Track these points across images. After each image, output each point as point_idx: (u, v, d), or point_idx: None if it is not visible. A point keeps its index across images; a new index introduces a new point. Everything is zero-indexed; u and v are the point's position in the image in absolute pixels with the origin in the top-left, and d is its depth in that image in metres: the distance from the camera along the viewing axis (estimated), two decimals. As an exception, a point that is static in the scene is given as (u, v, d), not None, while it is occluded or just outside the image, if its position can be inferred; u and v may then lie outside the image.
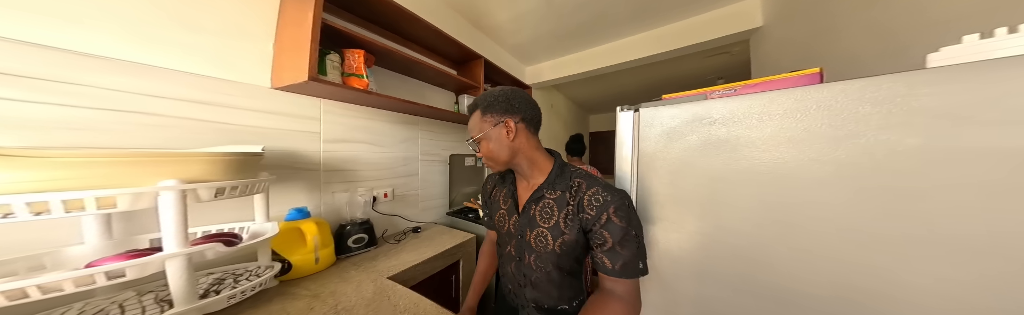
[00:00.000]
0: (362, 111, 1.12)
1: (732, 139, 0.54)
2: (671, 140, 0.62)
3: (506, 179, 0.69)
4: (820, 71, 0.51)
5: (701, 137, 0.57)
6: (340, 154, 1.02)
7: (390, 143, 1.25)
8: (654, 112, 0.65)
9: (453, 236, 1.31)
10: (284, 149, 0.86)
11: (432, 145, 1.52)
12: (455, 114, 1.47)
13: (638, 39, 2.02)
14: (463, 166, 1.72)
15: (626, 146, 0.69)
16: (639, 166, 0.68)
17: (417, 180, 1.42)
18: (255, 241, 0.67)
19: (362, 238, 1.03)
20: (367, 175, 1.13)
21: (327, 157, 0.97)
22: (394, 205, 1.28)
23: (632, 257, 0.49)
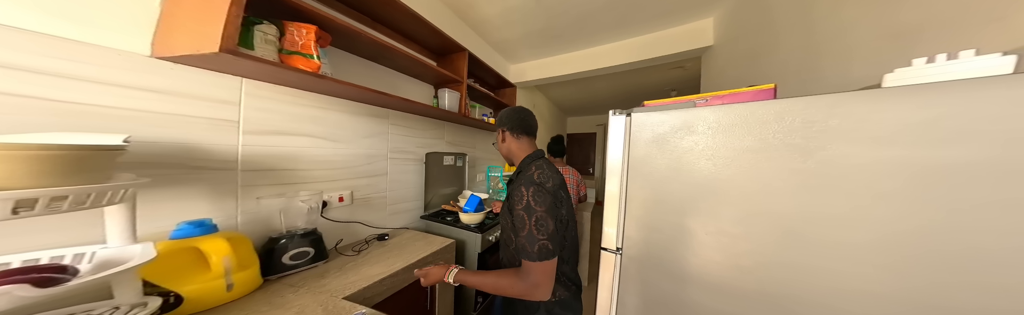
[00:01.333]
0: (311, 99, 0.84)
1: (716, 146, 0.51)
2: (659, 145, 0.58)
3: None
4: (774, 87, 0.52)
5: (687, 143, 0.55)
6: (272, 150, 0.74)
7: (350, 138, 0.97)
8: (645, 117, 0.60)
9: (429, 242, 1.05)
10: (174, 142, 0.57)
11: (405, 142, 1.25)
12: (434, 109, 1.20)
13: (615, 47, 1.94)
14: (441, 165, 1.46)
15: (617, 149, 0.64)
16: (629, 169, 0.62)
17: (385, 181, 1.14)
18: (101, 275, 0.39)
19: (304, 252, 0.75)
20: (315, 175, 0.85)
21: (250, 153, 0.68)
22: (353, 210, 1.00)
23: (523, 242, 0.50)
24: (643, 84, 2.93)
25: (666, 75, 2.57)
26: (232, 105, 0.65)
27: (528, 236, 0.48)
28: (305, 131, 0.82)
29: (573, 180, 1.61)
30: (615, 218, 0.64)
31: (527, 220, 0.49)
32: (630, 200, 0.62)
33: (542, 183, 0.53)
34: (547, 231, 0.48)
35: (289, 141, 0.77)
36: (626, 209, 0.63)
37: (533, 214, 0.49)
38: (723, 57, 1.53)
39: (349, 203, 0.96)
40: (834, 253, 0.42)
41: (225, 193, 0.64)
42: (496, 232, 1.26)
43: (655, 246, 0.59)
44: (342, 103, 0.94)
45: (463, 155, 1.62)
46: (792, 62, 1.00)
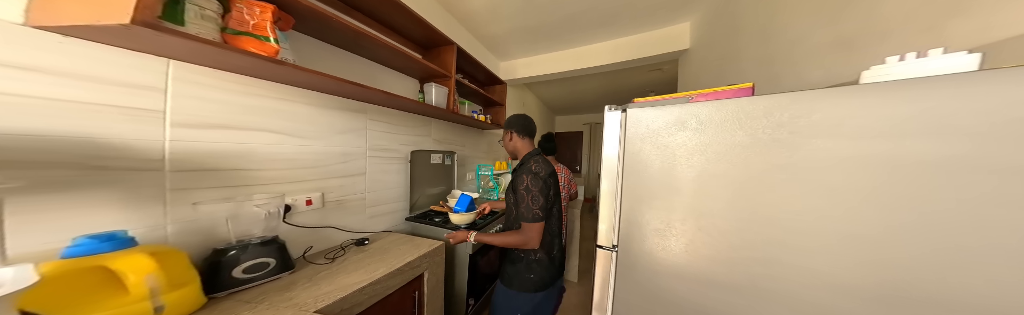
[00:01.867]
0: (270, 88, 0.70)
1: (708, 141, 0.50)
2: (654, 140, 0.56)
3: None
4: (752, 85, 0.51)
5: (680, 139, 0.53)
6: (216, 147, 0.60)
7: (320, 134, 0.83)
8: (640, 113, 0.58)
9: (415, 245, 0.93)
10: (68, 135, 0.43)
11: (387, 139, 1.11)
12: (419, 104, 1.07)
13: (601, 47, 1.88)
14: (428, 164, 1.33)
15: (612, 145, 0.61)
16: (624, 165, 0.60)
17: (363, 181, 1.01)
18: None
19: (262, 264, 0.62)
20: (274, 176, 0.71)
21: (183, 150, 0.55)
22: (325, 214, 0.87)
23: (523, 211, 0.70)
24: (626, 85, 2.89)
25: (646, 77, 2.55)
26: (155, 92, 0.51)
27: (527, 207, 0.68)
28: (261, 125, 0.68)
29: (564, 178, 1.53)
30: (610, 215, 0.61)
31: (526, 197, 0.68)
32: (625, 196, 0.59)
33: (537, 172, 0.71)
34: (538, 204, 0.68)
35: (239, 136, 0.64)
36: (622, 205, 0.60)
37: (530, 193, 0.68)
38: (698, 61, 1.53)
39: (319, 206, 0.83)
40: (822, 248, 0.41)
41: (147, 199, 0.50)
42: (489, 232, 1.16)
43: (650, 242, 0.57)
44: (311, 95, 0.80)
45: (452, 153, 1.50)
46: (752, 69, 1.05)
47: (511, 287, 0.76)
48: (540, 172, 0.71)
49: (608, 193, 0.61)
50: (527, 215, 0.68)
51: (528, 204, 0.68)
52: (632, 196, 0.58)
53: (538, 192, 0.68)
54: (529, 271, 0.73)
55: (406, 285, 0.81)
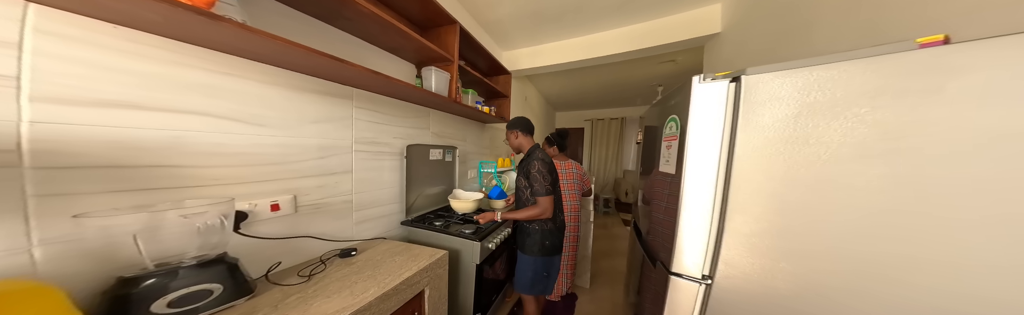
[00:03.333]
0: (207, 58, 0.50)
1: (940, 124, 0.28)
2: (801, 127, 0.35)
3: None
4: (945, 37, 0.31)
5: (850, 120, 0.32)
6: (113, 133, 0.40)
7: (286, 122, 0.64)
8: (775, 81, 0.35)
9: (412, 256, 0.76)
10: None
11: (377, 131, 0.93)
12: (417, 90, 0.89)
13: (614, 35, 1.65)
14: (427, 160, 1.15)
15: (708, 134, 0.43)
16: (733, 163, 0.41)
17: (349, 180, 0.83)
18: None
19: (202, 292, 0.44)
20: (217, 175, 0.52)
21: (55, 137, 0.35)
22: (300, 221, 0.68)
23: (536, 187, 0.88)
24: (630, 79, 2.70)
25: (654, 70, 2.35)
26: (5, 48, 0.32)
27: (540, 184, 0.87)
28: (195, 107, 0.49)
29: (576, 174, 1.37)
30: (699, 234, 0.45)
31: (538, 177, 0.87)
32: (736, 211, 0.41)
33: (544, 159, 0.90)
34: (548, 181, 0.87)
35: (155, 120, 0.44)
36: (724, 223, 0.43)
37: (541, 174, 0.87)
38: (732, 45, 1.30)
39: (290, 212, 0.65)
40: None
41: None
42: (496, 239, 0.99)
43: (786, 282, 0.38)
44: (272, 72, 0.61)
45: (453, 148, 1.32)
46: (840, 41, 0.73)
47: (533, 254, 0.92)
48: (545, 158, 0.90)
49: (698, 204, 0.45)
50: (540, 190, 0.86)
51: (541, 182, 0.86)
52: (750, 211, 0.40)
53: (548, 173, 0.87)
54: (545, 239, 0.90)
55: (403, 307, 0.64)
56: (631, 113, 4.20)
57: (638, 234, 0.85)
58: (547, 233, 0.91)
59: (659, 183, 0.65)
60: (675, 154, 0.51)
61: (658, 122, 0.68)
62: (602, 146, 4.38)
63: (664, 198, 0.59)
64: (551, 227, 0.92)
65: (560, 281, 1.31)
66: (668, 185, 0.56)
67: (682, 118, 0.49)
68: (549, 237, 0.91)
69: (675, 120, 0.53)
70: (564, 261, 1.30)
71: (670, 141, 0.56)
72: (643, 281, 0.76)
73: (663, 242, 0.58)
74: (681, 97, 0.50)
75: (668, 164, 0.56)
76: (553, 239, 0.92)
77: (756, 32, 1.11)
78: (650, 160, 0.83)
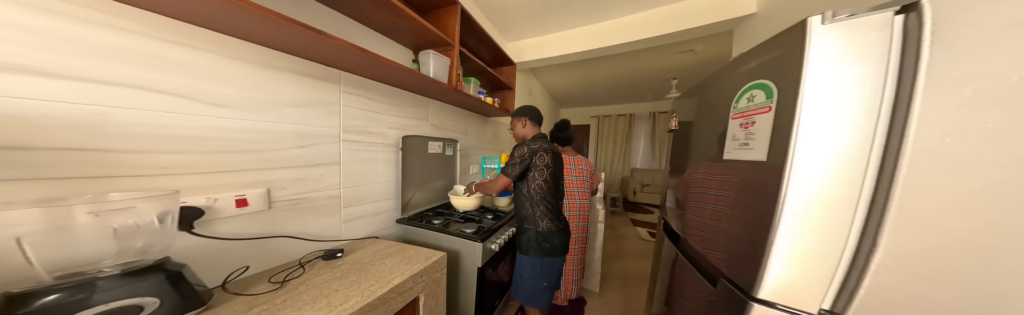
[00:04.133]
0: (150, 22, 0.41)
1: None
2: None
3: None
4: None
5: None
6: (15, 105, 0.31)
7: (256, 104, 0.54)
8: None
9: (407, 257, 0.66)
10: None
11: (368, 119, 0.82)
12: (413, 75, 0.78)
13: (628, 21, 1.50)
14: (425, 154, 1.05)
15: (856, 96, 0.29)
16: (909, 136, 0.27)
17: (337, 172, 0.73)
18: None
19: (129, 309, 0.35)
20: (166, 162, 0.42)
21: None
22: (275, 218, 0.58)
23: (504, 167, 0.82)
24: (641, 72, 2.54)
25: (668, 61, 2.20)
26: None
27: (506, 166, 0.82)
28: (126, 78, 0.39)
29: (585, 171, 1.24)
30: (822, 250, 0.31)
31: (515, 160, 0.80)
32: (908, 217, 0.27)
33: (529, 144, 0.82)
34: (513, 167, 0.80)
35: (71, 92, 0.35)
36: (879, 236, 0.28)
37: (512, 159, 0.81)
38: (771, 26, 1.12)
39: (263, 208, 0.55)
40: None
41: None
42: (499, 239, 0.88)
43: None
44: (236, 45, 0.51)
45: (454, 141, 1.21)
46: None
47: (527, 253, 0.82)
48: (544, 147, 0.81)
49: (820, 204, 0.32)
50: (506, 170, 0.81)
51: (509, 165, 0.81)
52: (931, 217, 0.27)
53: (519, 160, 0.80)
54: (544, 240, 0.80)
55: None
56: (640, 109, 4.03)
57: (673, 239, 0.73)
58: (546, 234, 0.79)
59: (716, 178, 0.51)
60: (765, 133, 0.37)
61: (716, 99, 0.54)
62: (609, 143, 4.22)
63: (734, 197, 0.45)
64: (550, 228, 0.80)
65: (568, 285, 1.20)
66: (744, 178, 0.42)
67: (785, 81, 0.34)
68: (549, 238, 0.80)
69: (765, 87, 0.38)
70: (572, 264, 1.19)
71: (754, 115, 0.40)
72: (679, 295, 0.64)
73: (732, 257, 0.45)
74: (779, 51, 0.36)
75: (746, 149, 0.41)
76: (552, 240, 0.80)
77: (805, 7, 0.94)
78: (684, 153, 0.71)
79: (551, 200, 0.81)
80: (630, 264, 1.74)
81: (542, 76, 2.76)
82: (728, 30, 1.35)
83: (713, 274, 0.50)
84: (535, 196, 0.80)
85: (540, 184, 0.80)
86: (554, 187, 0.83)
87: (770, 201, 0.35)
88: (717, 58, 2.01)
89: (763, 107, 0.39)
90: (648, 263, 1.71)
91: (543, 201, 0.80)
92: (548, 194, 0.81)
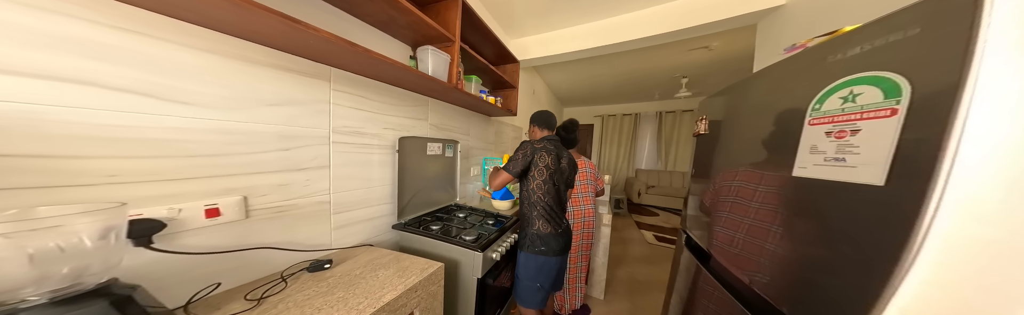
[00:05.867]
0: (93, 6, 0.35)
1: None
2: None
3: None
4: None
5: None
6: None
7: (229, 102, 0.48)
8: None
9: (401, 268, 0.60)
10: None
11: (362, 119, 0.76)
12: (410, 72, 0.72)
13: (640, 16, 1.40)
14: (423, 155, 0.98)
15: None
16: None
17: (325, 177, 0.67)
18: None
19: None
20: (117, 169, 0.36)
21: None
22: (252, 228, 0.52)
23: (507, 163, 0.80)
24: (649, 70, 2.43)
25: (680, 59, 2.09)
26: None
27: (509, 162, 0.80)
28: (64, 71, 0.33)
29: (589, 174, 1.18)
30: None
31: (512, 157, 0.80)
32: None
33: (533, 142, 0.81)
34: (513, 163, 0.78)
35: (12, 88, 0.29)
36: None
37: (514, 155, 0.79)
38: (801, 20, 1.02)
39: (238, 217, 0.49)
40: None
41: None
42: (500, 247, 0.82)
43: None
44: (207, 37, 0.44)
45: (454, 142, 1.15)
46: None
47: (525, 249, 0.82)
48: (548, 147, 0.80)
49: (1007, 244, 0.21)
50: (507, 166, 0.79)
51: (511, 162, 0.79)
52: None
53: (521, 157, 0.78)
54: (543, 242, 0.79)
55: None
56: (646, 108, 3.92)
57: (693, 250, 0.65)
58: (543, 236, 0.79)
59: (759, 188, 0.43)
60: (882, 147, 0.27)
61: (767, 98, 0.46)
62: (613, 143, 4.12)
63: (784, 213, 0.37)
64: (546, 230, 0.79)
65: (572, 294, 1.13)
66: (821, 199, 0.33)
67: (929, 73, 0.25)
68: (545, 240, 0.79)
69: (883, 82, 0.28)
70: (575, 272, 1.12)
71: (857, 121, 0.30)
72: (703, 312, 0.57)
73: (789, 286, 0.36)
74: (917, 30, 0.26)
75: (841, 166, 0.31)
76: (549, 243, 0.79)
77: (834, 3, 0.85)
78: (713, 157, 0.63)
79: (549, 202, 0.79)
80: (636, 270, 1.66)
81: (546, 74, 2.67)
82: (751, 24, 1.26)
83: (748, 297, 0.43)
84: (532, 196, 0.80)
85: (538, 184, 0.78)
86: (554, 189, 0.80)
87: (886, 238, 0.26)
88: (734, 55, 1.90)
89: (879, 109, 0.28)
90: (655, 269, 1.63)
91: (540, 202, 0.79)
92: (546, 195, 0.79)
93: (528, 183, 0.80)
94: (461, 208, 1.10)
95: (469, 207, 1.10)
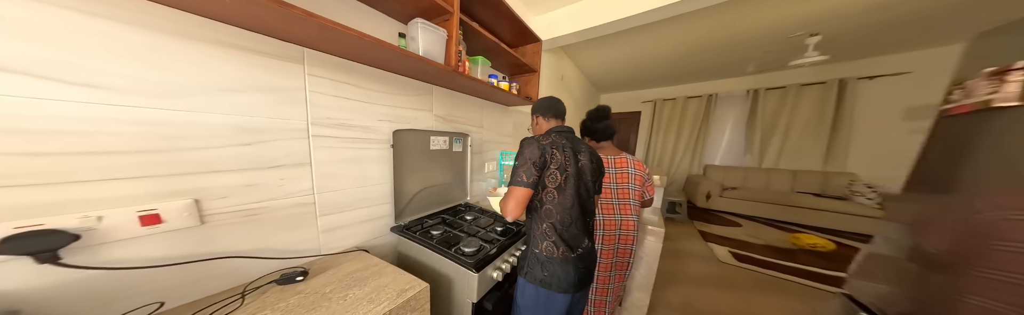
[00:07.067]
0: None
1: None
2: None
3: None
4: None
5: None
6: None
7: (167, 87, 0.39)
8: None
9: (378, 287, 0.50)
10: None
11: (349, 110, 0.65)
12: (393, 51, 0.58)
13: None
14: (427, 150, 0.86)
15: None
16: None
17: (305, 175, 0.58)
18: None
19: None
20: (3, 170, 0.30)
21: None
22: (213, 235, 0.45)
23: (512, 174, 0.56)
24: (740, 36, 1.70)
25: (795, 9, 1.40)
26: None
27: (515, 173, 0.55)
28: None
29: (632, 175, 0.86)
30: None
31: (524, 162, 0.55)
32: None
33: (538, 140, 0.57)
34: (521, 173, 0.54)
35: None
36: None
37: (519, 163, 0.56)
38: None
39: (191, 223, 0.42)
40: None
41: None
42: (504, 264, 0.66)
43: None
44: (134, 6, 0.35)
45: (463, 136, 1.00)
46: None
47: (523, 276, 0.58)
48: (542, 139, 0.58)
49: None
50: (513, 178, 0.55)
51: (521, 168, 0.55)
52: None
53: (525, 159, 0.55)
54: (543, 267, 0.56)
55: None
56: (727, 87, 2.87)
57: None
58: (545, 261, 0.56)
59: None
60: None
61: None
62: (669, 134, 3.32)
63: None
64: (551, 253, 0.55)
65: (598, 317, 0.91)
66: None
67: None
68: (547, 266, 0.56)
69: None
70: (603, 293, 0.89)
71: None
72: None
73: None
74: None
75: None
76: (552, 270, 0.55)
77: None
78: (958, 161, 0.35)
79: (562, 216, 0.56)
80: (696, 295, 1.25)
81: (578, 56, 2.24)
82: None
83: None
84: (538, 208, 0.57)
85: (548, 193, 0.56)
86: (573, 198, 0.56)
87: None
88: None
89: None
90: (728, 298, 1.22)
91: (547, 217, 0.56)
92: (557, 208, 0.56)
93: (536, 192, 0.56)
94: (470, 209, 0.97)
95: (478, 208, 0.96)
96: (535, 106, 0.69)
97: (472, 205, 1.01)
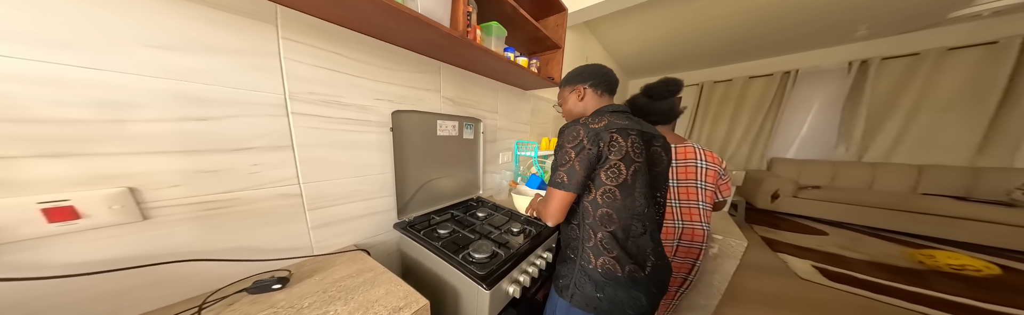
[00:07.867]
0: None
1: None
2: None
3: None
4: None
5: None
6: None
7: (63, 34, 0.28)
8: None
9: (365, 304, 0.39)
10: None
11: (337, 84, 0.53)
12: (398, 12, 0.44)
13: None
14: (434, 136, 0.73)
15: None
16: None
17: (288, 161, 0.47)
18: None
19: None
20: None
21: None
22: (168, 232, 0.35)
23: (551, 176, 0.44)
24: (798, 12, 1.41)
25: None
26: None
27: (553, 168, 0.44)
28: None
29: (707, 170, 0.66)
30: None
31: (568, 152, 0.42)
32: None
33: (587, 124, 0.42)
34: (569, 172, 0.41)
35: None
36: None
37: (560, 154, 0.43)
38: None
39: (130, 218, 0.32)
40: None
41: None
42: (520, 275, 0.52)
43: None
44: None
45: (475, 121, 0.86)
46: None
47: (565, 298, 0.43)
48: (592, 122, 0.42)
49: None
50: (556, 178, 0.42)
51: (564, 162, 0.41)
52: None
53: (576, 154, 0.40)
54: (596, 288, 0.41)
55: None
56: (812, 60, 2.21)
57: None
58: (597, 279, 0.41)
59: None
60: None
61: None
62: (718, 122, 2.75)
63: None
64: (609, 270, 0.40)
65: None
66: None
67: None
68: (602, 287, 0.41)
69: None
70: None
71: None
72: None
73: None
74: None
75: None
76: (607, 291, 0.41)
77: None
78: None
79: (624, 223, 0.41)
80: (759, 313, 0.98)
81: (603, 33, 1.86)
82: None
83: None
84: (590, 215, 0.42)
85: (606, 193, 0.41)
86: (644, 200, 0.42)
87: None
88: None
89: None
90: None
91: (606, 223, 0.41)
92: (620, 212, 0.41)
93: (584, 195, 0.43)
94: (483, 204, 0.84)
95: (492, 203, 0.83)
96: (572, 74, 0.52)
97: (485, 200, 0.88)
